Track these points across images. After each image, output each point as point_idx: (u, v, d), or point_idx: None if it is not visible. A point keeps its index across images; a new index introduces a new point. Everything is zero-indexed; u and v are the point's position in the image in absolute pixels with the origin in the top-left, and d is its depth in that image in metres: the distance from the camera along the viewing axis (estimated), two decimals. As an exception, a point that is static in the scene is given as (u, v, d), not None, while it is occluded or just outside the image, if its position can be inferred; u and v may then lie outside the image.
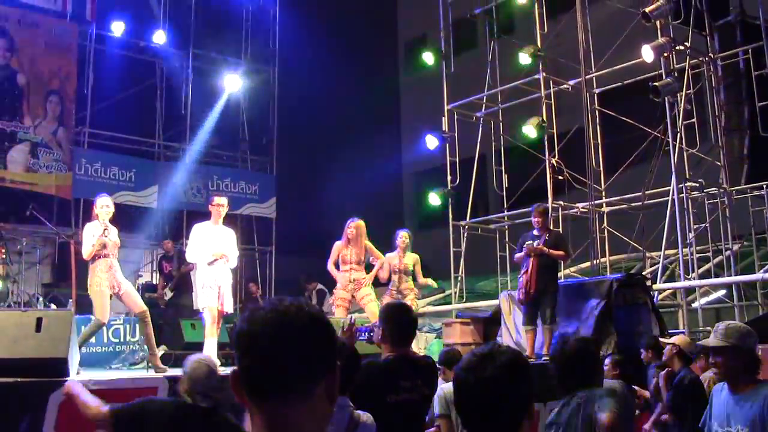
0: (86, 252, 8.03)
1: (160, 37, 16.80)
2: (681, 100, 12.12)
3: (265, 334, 1.60)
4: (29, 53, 13.93)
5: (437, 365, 5.28)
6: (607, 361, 7.35)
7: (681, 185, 11.91)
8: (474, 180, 15.29)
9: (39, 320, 6.29)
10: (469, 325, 11.98)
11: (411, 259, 10.41)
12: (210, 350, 8.29)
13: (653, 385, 7.25)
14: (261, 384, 1.61)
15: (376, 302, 9.83)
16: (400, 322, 4.46)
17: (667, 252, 12.19)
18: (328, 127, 21.68)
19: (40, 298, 11.81)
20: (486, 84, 15.62)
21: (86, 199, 14.48)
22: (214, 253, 8.57)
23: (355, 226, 10.00)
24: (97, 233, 8.05)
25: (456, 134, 15.39)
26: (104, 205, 8.24)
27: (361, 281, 9.94)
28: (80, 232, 8.52)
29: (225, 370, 7.93)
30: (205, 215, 9.13)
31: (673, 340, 6.94)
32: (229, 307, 8.72)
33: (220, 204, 8.81)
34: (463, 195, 15.28)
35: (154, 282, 14.91)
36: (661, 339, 7.82)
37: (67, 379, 6.03)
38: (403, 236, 10.49)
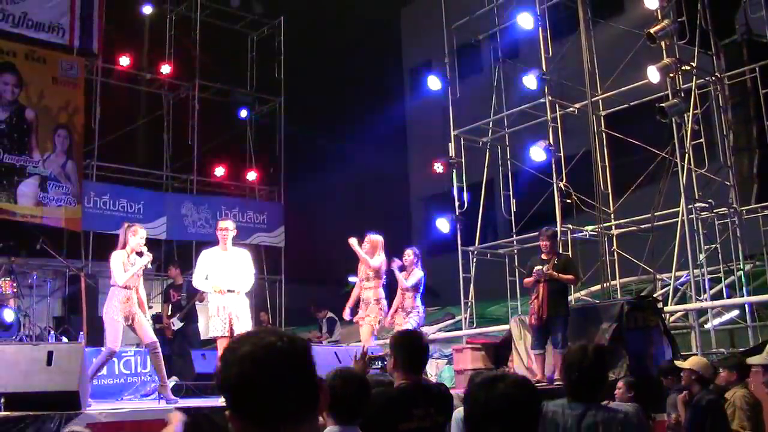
0: (122, 279, 8.07)
1: (165, 69, 16.93)
2: (688, 120, 12.09)
3: (246, 376, 1.64)
4: (37, 88, 14.02)
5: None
6: (620, 383, 7.30)
7: (690, 206, 11.86)
8: (482, 205, 15.27)
9: (50, 354, 6.30)
10: (480, 351, 11.91)
11: (416, 276, 10.25)
12: None
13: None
14: (246, 419, 1.64)
15: (369, 325, 9.71)
16: (411, 349, 4.42)
17: (677, 273, 12.12)
18: (335, 155, 21.75)
19: (52, 331, 11.80)
20: (492, 109, 15.64)
21: (96, 232, 14.55)
22: (213, 286, 8.53)
23: (367, 240, 9.95)
24: (128, 264, 8.08)
25: (463, 159, 15.39)
26: (143, 237, 8.33)
27: (369, 300, 9.80)
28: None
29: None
30: (213, 245, 9.10)
31: (689, 364, 6.86)
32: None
33: (224, 228, 8.79)
34: (471, 220, 15.26)
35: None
36: (676, 363, 7.76)
37: (81, 412, 6.03)
38: (406, 253, 10.37)
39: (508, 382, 2.49)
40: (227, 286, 8.52)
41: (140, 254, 8.27)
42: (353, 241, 9.84)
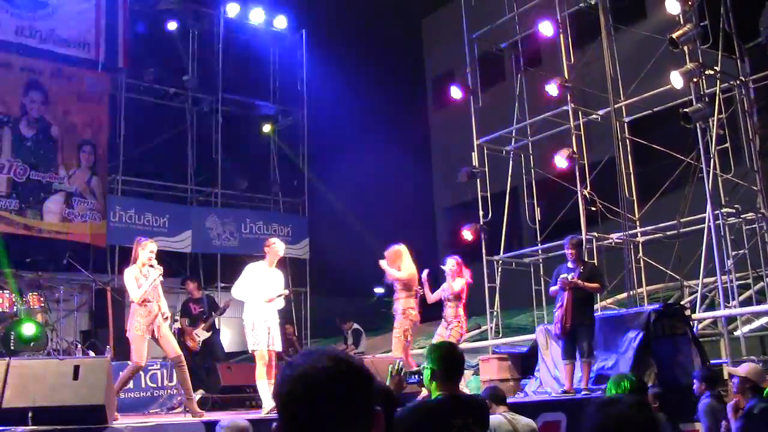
0: (136, 296, 8.10)
1: (189, 83, 17.06)
2: (713, 125, 11.97)
3: (296, 396, 1.62)
4: (62, 105, 14.18)
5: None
6: None
7: (717, 212, 11.75)
8: (506, 214, 15.21)
9: (76, 368, 6.35)
10: (506, 361, 11.88)
11: (459, 284, 10.12)
12: (263, 392, 8.29)
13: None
14: None
15: (397, 339, 9.62)
16: (447, 361, 4.41)
17: (705, 280, 11.99)
18: (359, 166, 21.77)
19: (79, 345, 11.88)
20: (515, 117, 15.60)
21: (122, 246, 14.64)
22: (279, 292, 8.74)
23: (387, 254, 9.90)
24: (142, 278, 8.12)
25: (486, 168, 15.35)
26: (152, 251, 8.35)
27: (398, 313, 9.71)
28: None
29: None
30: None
31: (742, 370, 6.70)
32: (279, 347, 8.76)
33: (273, 243, 9.11)
34: (496, 229, 15.20)
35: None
36: (729, 369, 7.60)
37: (107, 426, 6.06)
38: (448, 262, 10.23)
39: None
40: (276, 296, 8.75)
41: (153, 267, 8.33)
42: (383, 263, 9.88)
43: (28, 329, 10.53)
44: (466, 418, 4.25)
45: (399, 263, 9.82)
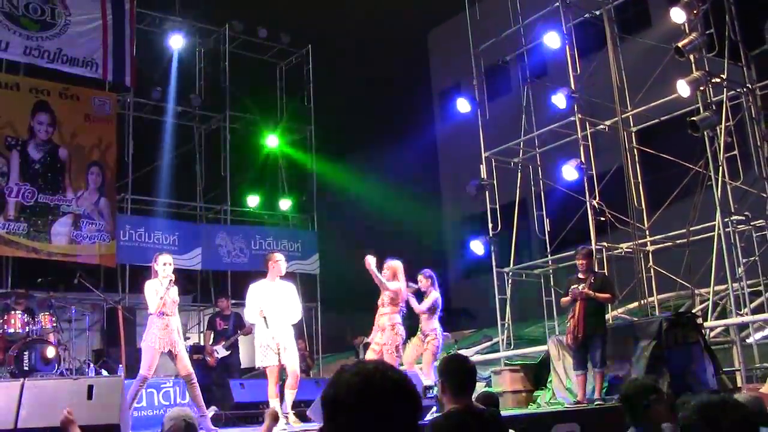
0: (153, 307, 8.21)
1: (196, 101, 17.14)
2: (721, 133, 11.97)
3: (347, 402, 1.65)
4: (70, 126, 14.21)
5: None
6: None
7: (727, 219, 11.73)
8: (515, 226, 15.20)
9: (90, 387, 6.38)
10: (518, 372, 11.85)
11: (431, 298, 9.93)
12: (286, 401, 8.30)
13: None
14: None
15: (389, 354, 9.37)
16: (459, 373, 4.42)
17: (716, 288, 11.97)
18: (367, 180, 21.81)
19: (91, 365, 11.91)
20: (522, 129, 15.61)
21: (132, 265, 14.69)
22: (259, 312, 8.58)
23: (386, 266, 9.57)
24: (161, 289, 8.17)
25: (495, 181, 15.35)
26: (165, 263, 8.42)
27: (385, 326, 9.39)
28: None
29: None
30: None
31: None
32: (293, 362, 8.65)
33: (278, 260, 8.93)
34: (505, 241, 15.19)
35: (201, 343, 14.99)
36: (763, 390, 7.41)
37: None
38: (419, 279, 10.02)
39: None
40: (277, 317, 8.62)
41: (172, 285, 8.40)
42: (371, 260, 9.36)
43: (50, 353, 10.59)
44: (481, 431, 4.24)
45: (395, 278, 9.66)
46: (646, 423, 4.65)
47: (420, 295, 10.05)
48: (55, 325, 11.43)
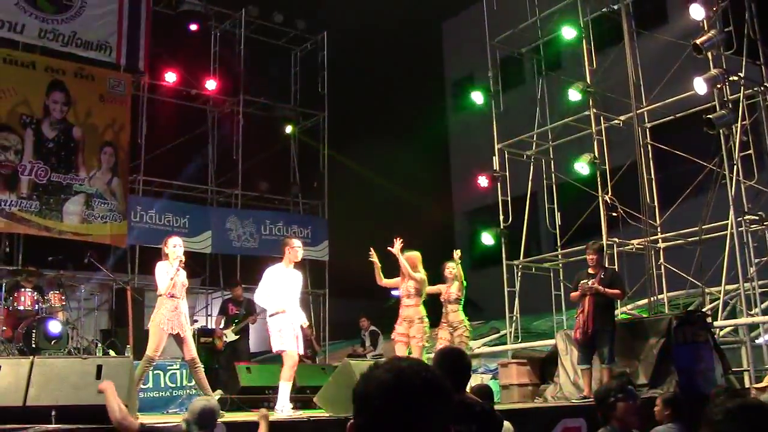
0: (163, 288, 8.22)
1: (210, 85, 17.12)
2: (736, 131, 11.90)
3: (378, 397, 1.64)
4: (85, 106, 14.21)
5: None
6: (658, 401, 6.67)
7: (740, 218, 11.66)
8: (526, 218, 15.17)
9: (99, 367, 6.38)
10: (525, 366, 11.84)
11: (456, 287, 10.20)
12: (284, 393, 8.30)
13: None
14: None
15: (418, 347, 9.43)
16: (454, 368, 4.42)
17: (727, 287, 11.91)
18: (378, 169, 21.78)
19: (99, 344, 11.95)
20: (536, 121, 15.56)
21: (142, 246, 14.71)
22: (277, 308, 8.60)
23: (406, 257, 9.73)
24: (171, 270, 8.18)
25: (507, 173, 15.31)
26: (175, 245, 8.44)
27: (412, 319, 9.61)
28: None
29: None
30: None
31: None
32: (302, 350, 8.81)
33: (298, 247, 9.03)
34: (515, 234, 15.16)
35: (209, 327, 15.02)
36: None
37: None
38: (447, 266, 10.31)
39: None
40: (294, 303, 8.71)
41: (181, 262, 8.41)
42: (397, 248, 9.60)
43: (54, 327, 10.59)
44: (470, 425, 4.25)
45: (417, 268, 9.77)
46: (614, 424, 4.65)
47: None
48: (64, 303, 11.47)
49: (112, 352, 11.57)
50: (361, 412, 1.67)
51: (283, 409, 8.13)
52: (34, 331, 10.47)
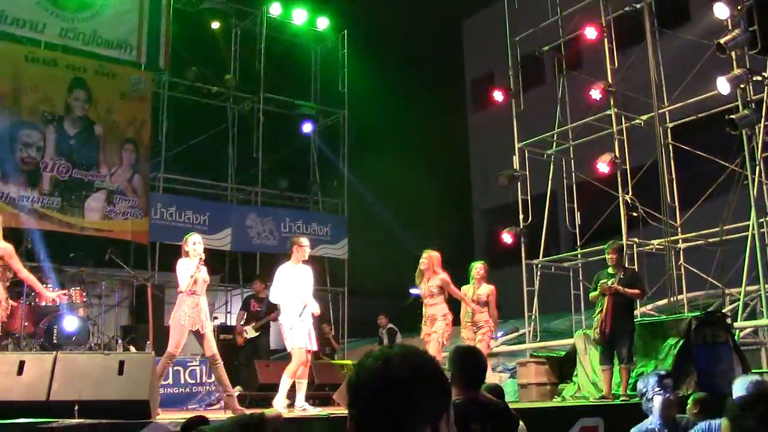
0: (184, 285, 8.25)
1: (231, 82, 17.17)
2: (759, 131, 11.81)
3: (368, 385, 1.64)
4: (106, 103, 14.30)
5: None
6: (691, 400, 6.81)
7: (762, 219, 11.59)
8: (546, 218, 15.14)
9: (121, 363, 6.43)
10: (543, 365, 11.82)
11: (485, 290, 10.24)
12: (283, 388, 8.36)
13: None
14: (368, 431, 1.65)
15: (437, 341, 9.48)
16: (468, 366, 4.44)
17: (747, 288, 11.85)
18: (398, 167, 21.78)
19: (119, 340, 12.04)
20: (556, 121, 15.52)
21: (162, 243, 14.79)
22: (303, 300, 8.66)
23: (426, 257, 9.78)
24: (192, 267, 8.24)
25: (527, 172, 15.29)
26: (195, 242, 8.48)
27: (436, 317, 9.66)
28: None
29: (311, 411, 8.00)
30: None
31: None
32: (315, 346, 8.88)
33: (308, 245, 9.05)
34: (535, 233, 15.13)
35: (228, 324, 15.09)
36: None
37: (151, 421, 6.15)
38: (476, 267, 10.34)
39: None
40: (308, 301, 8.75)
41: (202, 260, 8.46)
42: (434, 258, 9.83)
43: (70, 324, 10.67)
44: (485, 423, 4.26)
45: (438, 268, 9.82)
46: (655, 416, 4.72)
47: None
48: (85, 300, 11.56)
49: (132, 348, 11.65)
50: (355, 402, 1.67)
51: (277, 403, 8.25)
52: (55, 327, 10.56)
